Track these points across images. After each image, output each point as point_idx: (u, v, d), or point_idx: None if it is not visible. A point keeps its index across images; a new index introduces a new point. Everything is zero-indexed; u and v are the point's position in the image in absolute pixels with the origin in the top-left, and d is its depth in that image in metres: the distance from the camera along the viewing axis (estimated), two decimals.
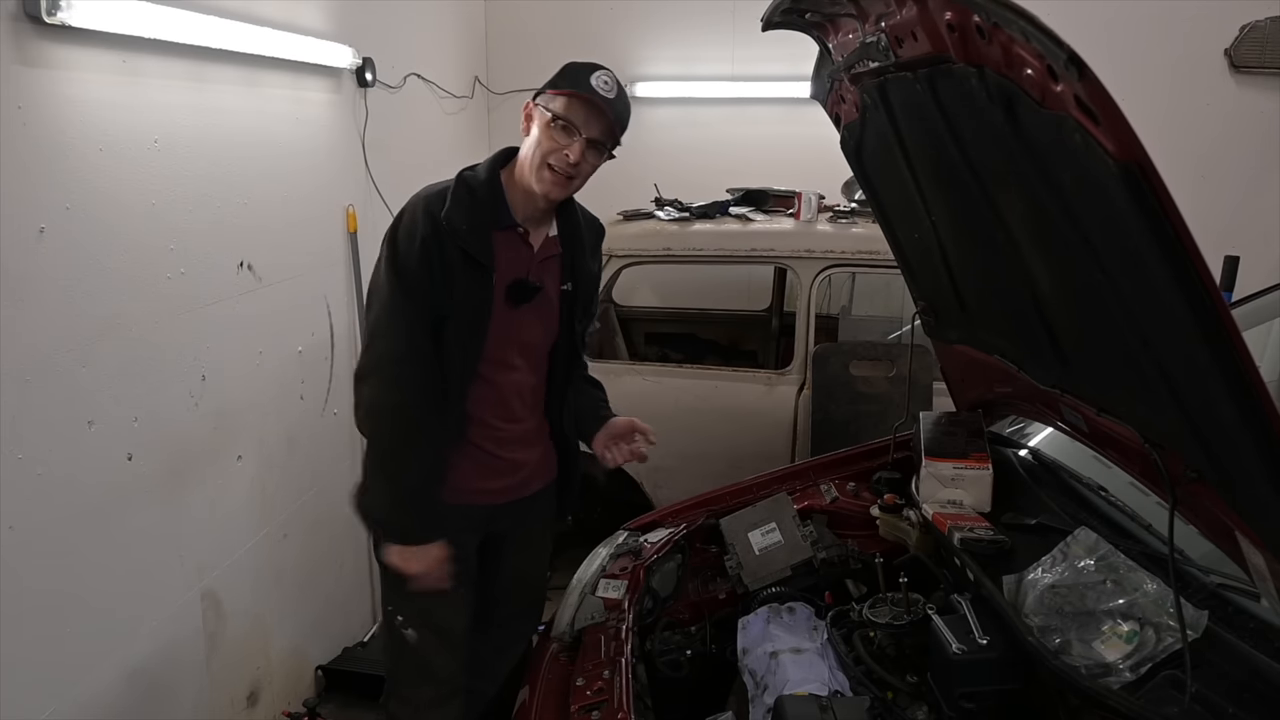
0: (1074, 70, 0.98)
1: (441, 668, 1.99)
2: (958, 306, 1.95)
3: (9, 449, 1.74)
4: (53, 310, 1.83)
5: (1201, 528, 1.44)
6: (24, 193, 1.74)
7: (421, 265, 1.78)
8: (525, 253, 1.89)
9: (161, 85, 2.14)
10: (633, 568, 2.02)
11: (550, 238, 1.94)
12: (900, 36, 1.41)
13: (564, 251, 1.95)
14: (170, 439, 2.22)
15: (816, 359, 3.21)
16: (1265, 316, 2.40)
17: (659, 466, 3.38)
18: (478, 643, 2.17)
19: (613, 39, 4.63)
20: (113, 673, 2.06)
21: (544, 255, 1.92)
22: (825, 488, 2.26)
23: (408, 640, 1.97)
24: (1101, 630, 1.49)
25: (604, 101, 1.77)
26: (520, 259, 1.88)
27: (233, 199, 2.43)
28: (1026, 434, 2.28)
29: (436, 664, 1.99)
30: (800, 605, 1.92)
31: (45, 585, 1.85)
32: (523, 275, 1.88)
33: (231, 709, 2.54)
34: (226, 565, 2.48)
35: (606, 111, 1.78)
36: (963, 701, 1.54)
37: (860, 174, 2.04)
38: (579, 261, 1.97)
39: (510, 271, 1.86)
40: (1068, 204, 1.22)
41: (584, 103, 1.77)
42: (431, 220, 1.79)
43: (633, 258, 3.43)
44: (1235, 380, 1.07)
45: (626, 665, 1.68)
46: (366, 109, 3.20)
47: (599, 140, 1.80)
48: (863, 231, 3.37)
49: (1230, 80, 4.15)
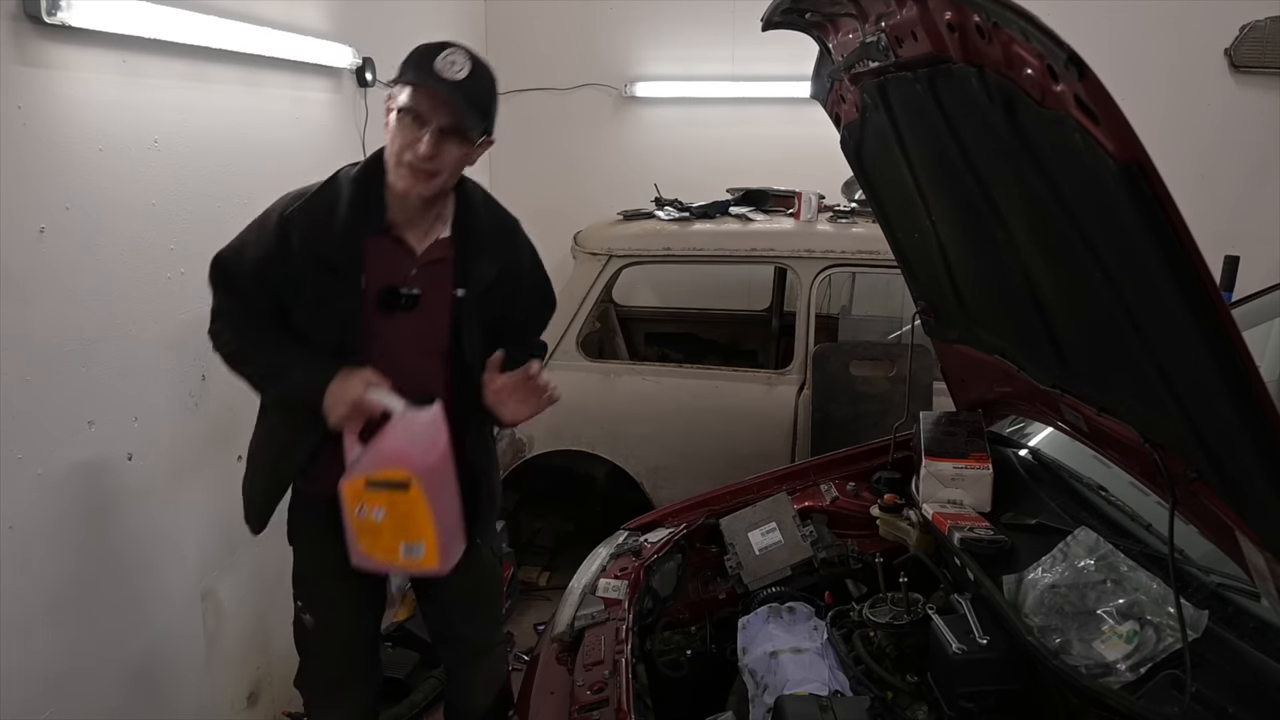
0: (1074, 70, 0.98)
1: (328, 654, 2.01)
2: (958, 306, 1.95)
3: (9, 449, 1.74)
4: (53, 310, 1.83)
5: (1201, 528, 1.44)
6: (24, 193, 1.74)
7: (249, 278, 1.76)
8: (403, 258, 1.77)
9: (161, 85, 2.14)
10: (633, 568, 2.02)
11: (440, 240, 1.81)
12: (900, 36, 1.41)
13: (456, 254, 1.82)
14: (170, 439, 2.22)
15: (816, 359, 3.21)
16: (1265, 316, 2.40)
17: (659, 466, 3.39)
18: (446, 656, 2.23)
19: (613, 39, 4.63)
20: (113, 673, 2.06)
21: (428, 259, 1.79)
22: (825, 488, 2.26)
23: (305, 625, 2.01)
24: (1101, 630, 1.49)
25: (449, 87, 1.62)
26: (396, 264, 1.77)
27: (233, 199, 2.43)
28: (1026, 434, 2.27)
29: (325, 651, 2.01)
30: (800, 605, 1.91)
31: (45, 585, 1.85)
32: (397, 282, 1.76)
33: (231, 709, 2.54)
34: (226, 565, 2.48)
35: (454, 96, 1.63)
36: (963, 701, 1.54)
37: (860, 174, 2.04)
38: (475, 265, 1.82)
39: (383, 278, 1.75)
40: (1068, 204, 1.22)
41: (428, 90, 1.63)
42: (280, 228, 1.72)
43: (633, 258, 3.43)
44: (1235, 380, 1.06)
45: (626, 665, 1.68)
46: (366, 109, 3.20)
47: (452, 128, 1.66)
48: (863, 231, 3.36)
49: (1230, 80, 4.15)
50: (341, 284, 1.74)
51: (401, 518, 1.72)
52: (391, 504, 1.71)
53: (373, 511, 1.72)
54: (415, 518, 1.71)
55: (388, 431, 1.72)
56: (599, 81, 4.64)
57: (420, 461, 1.71)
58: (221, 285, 1.82)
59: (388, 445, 1.71)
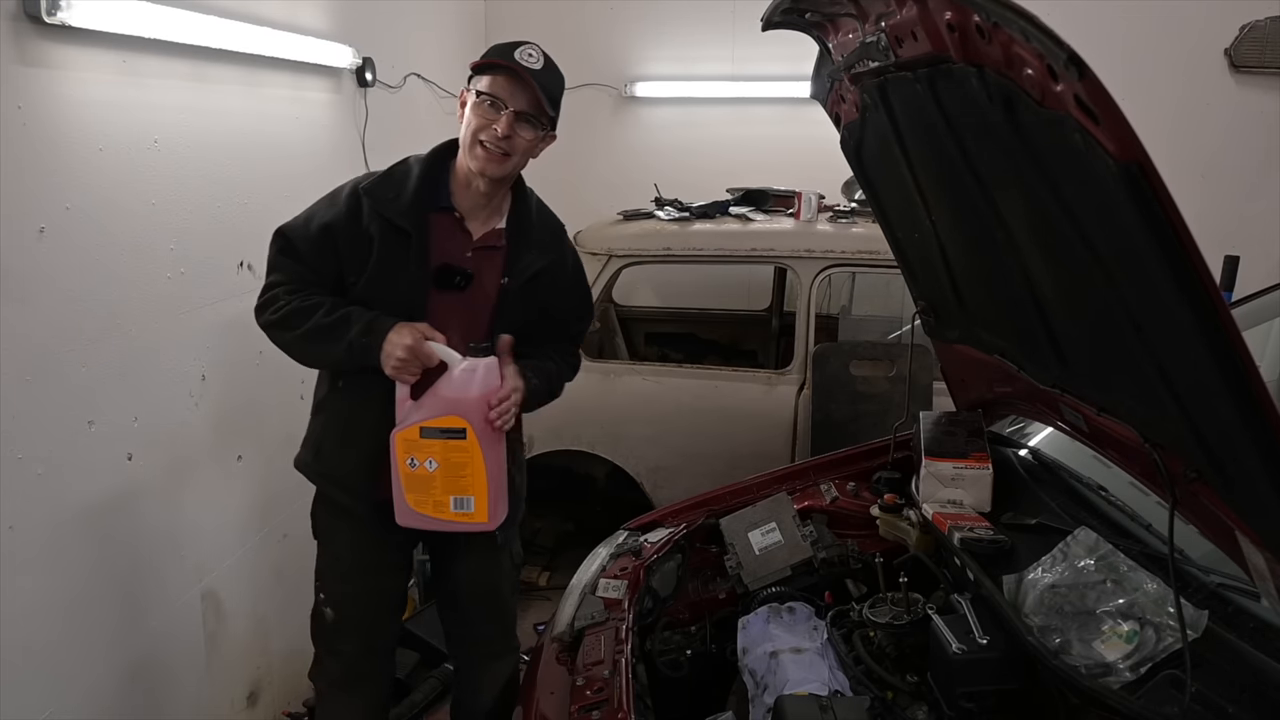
0: (1074, 70, 0.98)
1: (347, 647, 2.04)
2: (958, 306, 1.95)
3: (9, 449, 1.74)
4: (53, 310, 1.83)
5: (1201, 528, 1.44)
6: (24, 193, 1.74)
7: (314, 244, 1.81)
8: (461, 239, 1.87)
9: (161, 85, 2.14)
10: (633, 568, 2.02)
11: (495, 229, 1.90)
12: (900, 36, 1.41)
13: (508, 245, 1.90)
14: (170, 439, 2.22)
15: (816, 359, 3.21)
16: (1265, 316, 2.40)
17: (659, 466, 3.39)
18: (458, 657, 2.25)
19: (612, 39, 4.63)
20: (113, 673, 2.06)
21: (483, 244, 1.88)
22: (825, 488, 2.26)
23: (325, 618, 2.03)
24: (1101, 630, 1.49)
25: (527, 72, 1.75)
26: (455, 244, 1.86)
27: (233, 199, 2.43)
28: (1026, 434, 2.27)
29: (344, 644, 2.04)
30: (800, 605, 1.91)
31: (45, 585, 1.85)
32: (454, 260, 1.85)
33: (231, 709, 2.54)
34: (226, 565, 2.48)
35: (530, 83, 1.75)
36: (963, 701, 1.54)
37: (860, 174, 2.04)
38: (523, 256, 1.90)
39: (441, 254, 1.84)
40: (1068, 204, 1.22)
41: (507, 76, 1.77)
42: (352, 199, 1.81)
43: (633, 258, 3.43)
44: (1235, 380, 1.06)
45: (626, 665, 1.68)
46: (366, 109, 3.20)
47: (527, 113, 1.78)
48: (863, 231, 3.36)
49: (1230, 80, 4.14)
50: (409, 251, 1.81)
51: (455, 468, 1.74)
52: (446, 454, 1.73)
53: (425, 462, 1.75)
54: (469, 468, 1.74)
55: (446, 380, 1.74)
56: (599, 81, 4.64)
57: (478, 410, 1.73)
58: (284, 252, 1.86)
59: (448, 392, 1.73)
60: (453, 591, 2.12)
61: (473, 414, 1.73)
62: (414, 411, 1.76)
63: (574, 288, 2.07)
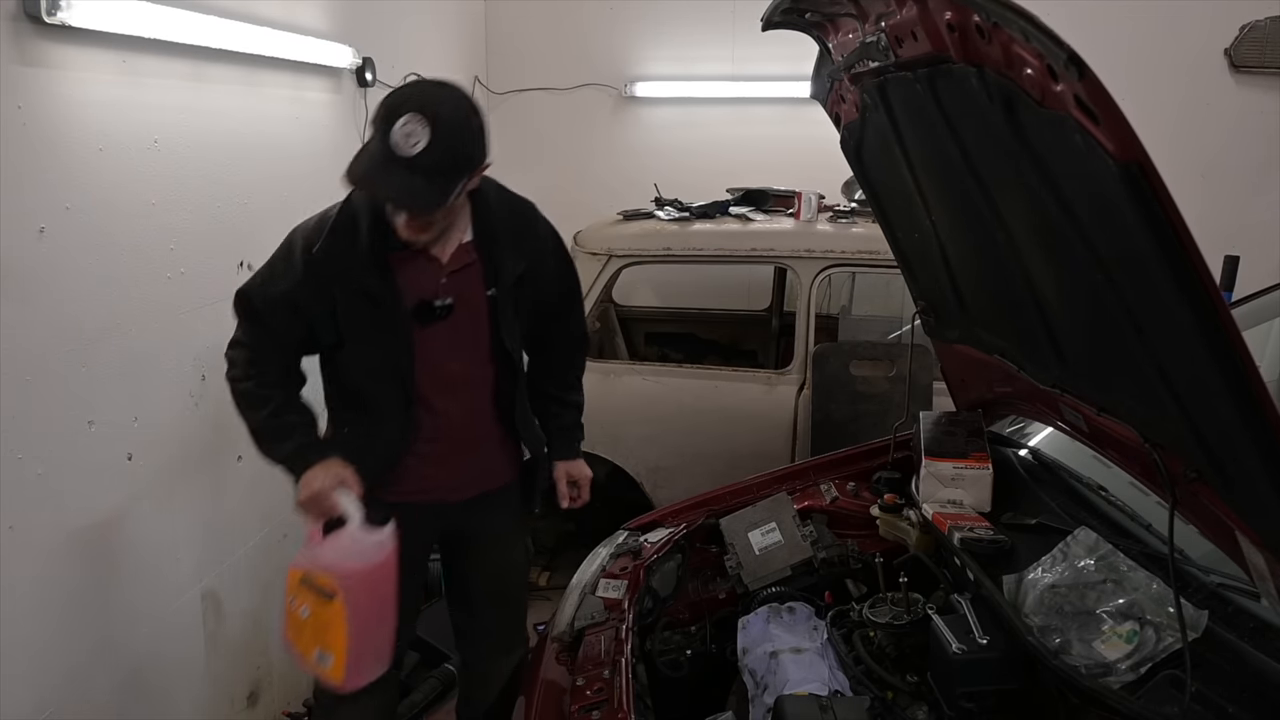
0: (1074, 70, 0.98)
1: None
2: (958, 306, 1.95)
3: (9, 449, 1.74)
4: (53, 310, 1.83)
5: (1201, 528, 1.44)
6: (24, 193, 1.74)
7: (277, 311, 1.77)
8: (432, 269, 1.79)
9: (161, 85, 2.14)
10: (633, 568, 2.02)
11: (464, 245, 1.81)
12: (900, 36, 1.41)
13: (482, 256, 1.82)
14: (170, 439, 2.22)
15: (816, 359, 3.21)
16: (1265, 316, 2.40)
17: (659, 466, 3.39)
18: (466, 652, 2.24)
19: (612, 39, 4.63)
20: (113, 673, 2.06)
21: (456, 266, 1.81)
22: (825, 488, 2.26)
23: None
24: (1101, 630, 1.49)
25: (403, 176, 1.55)
26: (426, 277, 1.78)
27: (233, 199, 2.43)
28: (1026, 434, 2.27)
29: None
30: (800, 605, 1.91)
31: (45, 585, 1.85)
32: (429, 295, 1.78)
33: (231, 709, 2.54)
34: (226, 565, 2.48)
35: (408, 187, 1.56)
36: (963, 701, 1.54)
37: (860, 174, 2.04)
38: (502, 264, 1.83)
39: (415, 292, 1.77)
40: (1068, 204, 1.22)
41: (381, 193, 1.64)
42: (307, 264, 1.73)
43: (633, 258, 3.43)
44: (1235, 380, 1.06)
45: (626, 665, 1.68)
46: (366, 109, 3.19)
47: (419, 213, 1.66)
48: (863, 231, 3.36)
49: (1230, 80, 4.14)
50: (380, 304, 1.76)
51: (321, 623, 1.74)
52: (315, 607, 1.74)
53: (300, 608, 1.76)
54: (332, 629, 1.73)
55: (336, 538, 1.75)
56: (599, 81, 4.64)
57: (351, 579, 1.72)
58: (246, 318, 1.84)
59: (328, 552, 1.75)
60: (465, 588, 2.11)
61: (346, 581, 1.71)
62: (305, 554, 1.77)
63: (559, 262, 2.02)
